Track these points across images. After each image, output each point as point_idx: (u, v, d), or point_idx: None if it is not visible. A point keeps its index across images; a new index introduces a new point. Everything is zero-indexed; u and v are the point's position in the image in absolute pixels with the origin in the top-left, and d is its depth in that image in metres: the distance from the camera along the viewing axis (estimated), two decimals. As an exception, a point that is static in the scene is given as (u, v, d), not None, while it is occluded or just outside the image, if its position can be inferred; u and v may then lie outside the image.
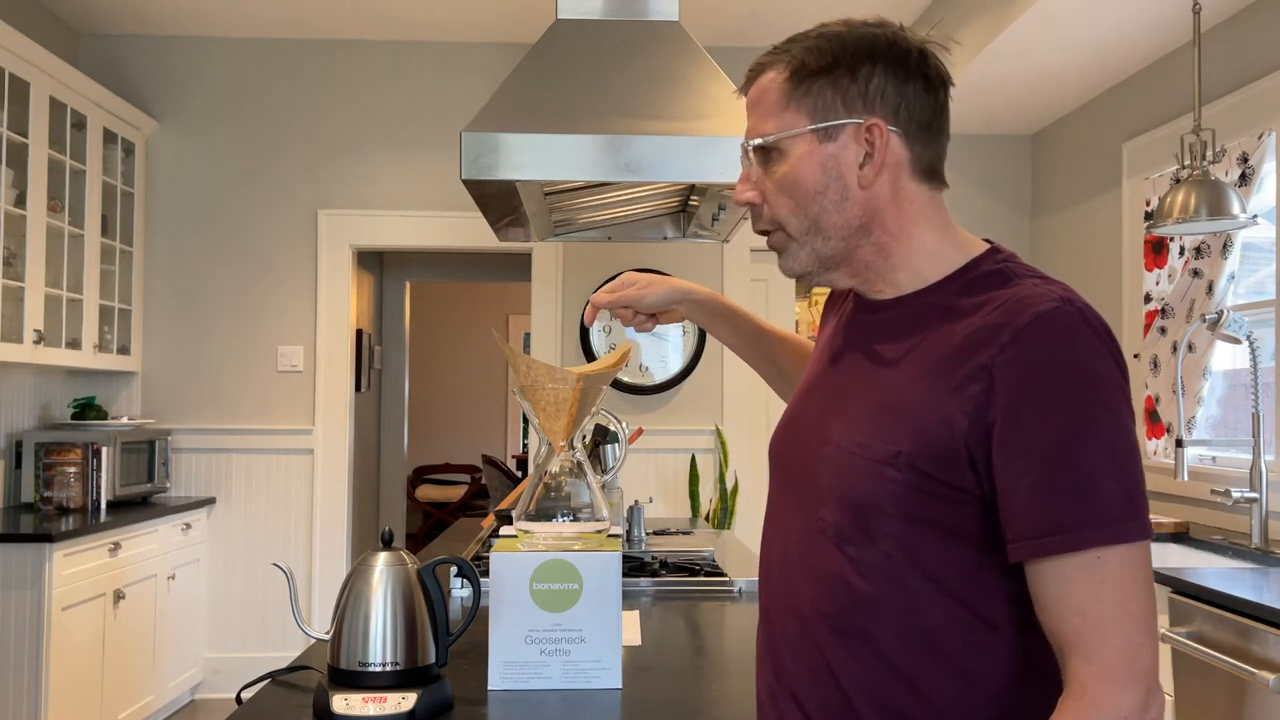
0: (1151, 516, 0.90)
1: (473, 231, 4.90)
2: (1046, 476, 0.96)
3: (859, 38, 1.09)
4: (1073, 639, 0.97)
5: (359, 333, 6.26)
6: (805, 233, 1.11)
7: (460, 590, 2.19)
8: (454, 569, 2.10)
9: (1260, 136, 3.27)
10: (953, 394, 1.01)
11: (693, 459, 4.91)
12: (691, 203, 3.07)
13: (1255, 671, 2.14)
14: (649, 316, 1.56)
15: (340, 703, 1.37)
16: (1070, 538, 0.95)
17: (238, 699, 1.52)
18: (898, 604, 1.04)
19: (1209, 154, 3.11)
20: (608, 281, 1.61)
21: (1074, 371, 0.97)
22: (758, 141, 1.13)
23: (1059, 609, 0.97)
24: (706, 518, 4.81)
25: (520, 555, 1.55)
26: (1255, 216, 3.02)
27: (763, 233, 1.16)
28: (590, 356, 4.93)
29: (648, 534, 2.89)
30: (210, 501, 4.83)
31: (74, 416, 4.52)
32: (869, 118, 1.08)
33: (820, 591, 1.08)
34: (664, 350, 5.00)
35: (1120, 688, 0.95)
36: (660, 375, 4.98)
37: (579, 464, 1.61)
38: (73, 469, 4.08)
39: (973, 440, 0.99)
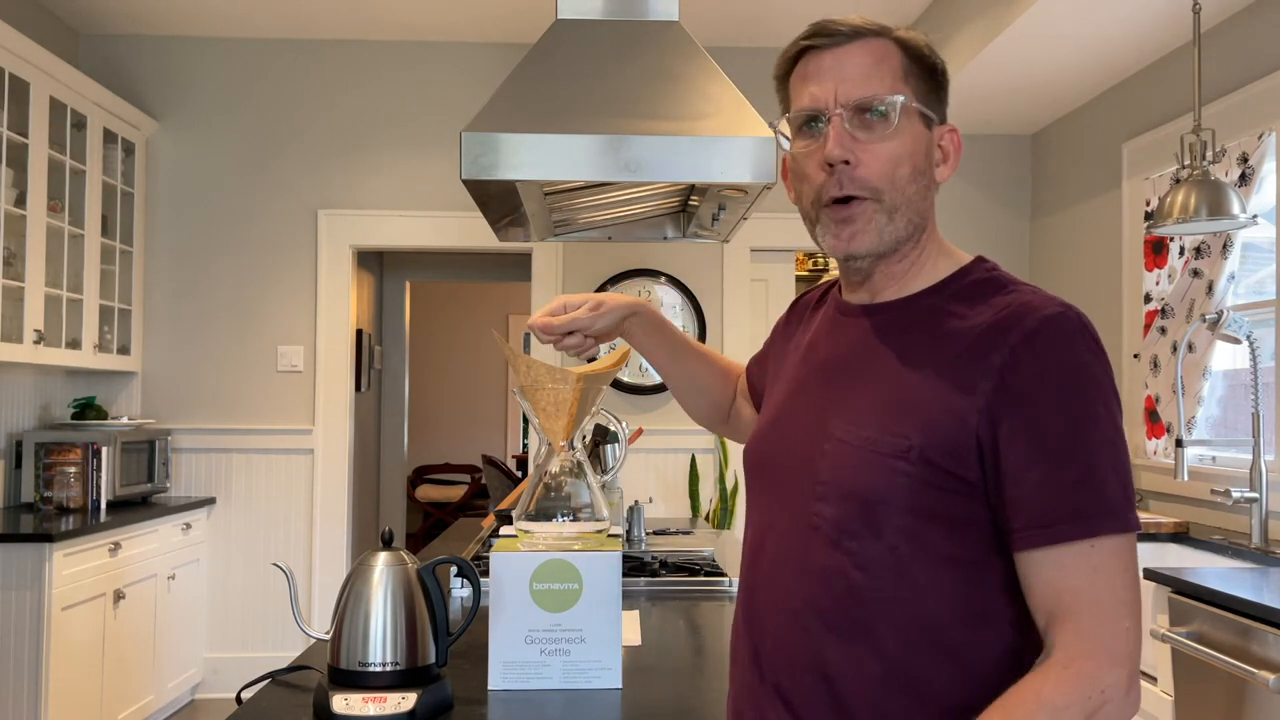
0: (1152, 516, 0.91)
1: (473, 231, 4.90)
2: (1055, 469, 1.00)
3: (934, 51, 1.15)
4: (1063, 617, 0.99)
5: (359, 333, 6.26)
6: (894, 208, 1.11)
7: (460, 590, 2.19)
8: (454, 569, 2.10)
9: (1260, 136, 3.27)
10: (963, 390, 1.04)
11: (693, 459, 4.91)
12: (691, 203, 3.07)
13: (1255, 671, 2.14)
14: (595, 341, 1.49)
15: (340, 703, 1.37)
16: (1081, 525, 0.99)
17: (238, 699, 1.52)
18: (898, 597, 1.05)
19: (1209, 154, 3.11)
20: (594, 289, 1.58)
21: (1078, 373, 1.02)
22: (870, 98, 1.10)
23: (1052, 591, 1.00)
24: (707, 518, 4.81)
25: (520, 555, 1.54)
26: (1255, 216, 3.02)
27: (841, 200, 1.12)
28: (590, 357, 4.92)
29: (648, 534, 2.89)
30: (210, 501, 4.83)
31: (74, 416, 4.52)
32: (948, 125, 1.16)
33: (815, 588, 1.09)
34: (664, 350, 4.99)
35: (1108, 665, 0.97)
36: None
37: (579, 464, 1.60)
38: (73, 469, 4.08)
39: (983, 434, 1.03)
